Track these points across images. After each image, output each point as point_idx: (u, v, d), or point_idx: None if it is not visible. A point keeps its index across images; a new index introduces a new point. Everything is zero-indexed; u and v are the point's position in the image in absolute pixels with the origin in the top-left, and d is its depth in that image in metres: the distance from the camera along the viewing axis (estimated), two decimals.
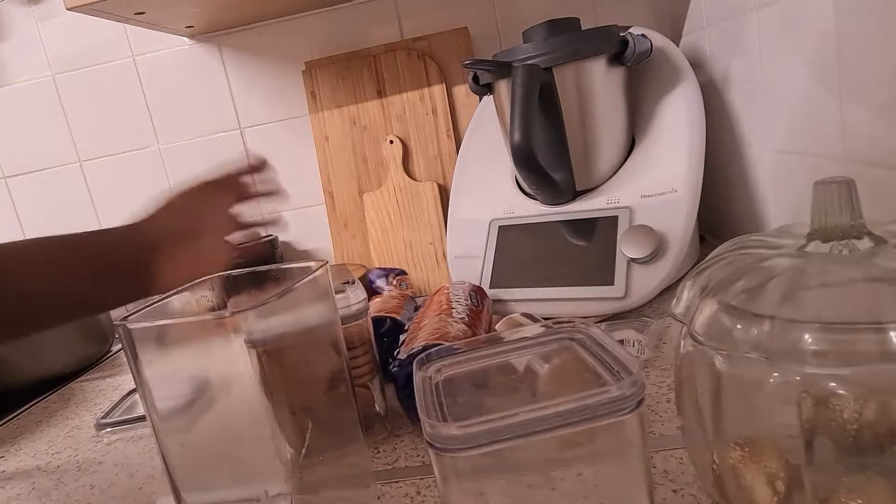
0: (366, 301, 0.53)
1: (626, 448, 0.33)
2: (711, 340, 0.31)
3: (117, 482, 0.55)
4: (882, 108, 0.46)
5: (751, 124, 0.72)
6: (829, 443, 0.29)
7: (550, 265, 0.71)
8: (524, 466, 0.33)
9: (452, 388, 0.37)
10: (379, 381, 0.52)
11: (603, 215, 0.71)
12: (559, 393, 0.31)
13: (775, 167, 0.67)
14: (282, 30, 1.02)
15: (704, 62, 0.81)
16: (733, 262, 0.34)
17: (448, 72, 0.96)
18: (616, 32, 0.72)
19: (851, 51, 0.48)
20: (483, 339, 0.42)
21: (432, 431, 0.31)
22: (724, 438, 0.32)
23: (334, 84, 0.99)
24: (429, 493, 0.43)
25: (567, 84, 0.71)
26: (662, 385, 0.51)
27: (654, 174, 0.71)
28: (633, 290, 0.66)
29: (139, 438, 0.63)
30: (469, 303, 0.58)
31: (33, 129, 1.08)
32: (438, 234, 0.92)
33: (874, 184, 0.46)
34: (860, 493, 0.27)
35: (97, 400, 0.77)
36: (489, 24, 0.99)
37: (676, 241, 0.67)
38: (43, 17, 1.05)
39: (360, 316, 0.52)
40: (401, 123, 0.97)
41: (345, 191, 0.99)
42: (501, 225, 0.76)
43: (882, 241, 0.31)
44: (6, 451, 0.66)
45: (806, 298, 0.29)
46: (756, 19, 0.64)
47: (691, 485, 0.38)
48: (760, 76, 0.66)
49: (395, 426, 0.54)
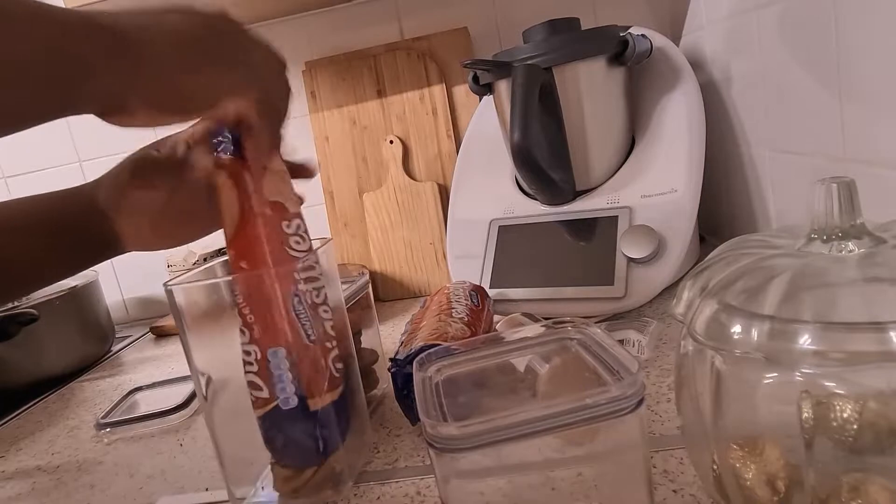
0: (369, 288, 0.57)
1: (626, 448, 0.33)
2: (711, 340, 0.31)
3: (117, 482, 0.55)
4: (882, 108, 0.46)
5: (751, 124, 0.72)
6: (829, 443, 0.29)
7: (550, 265, 0.71)
8: (524, 466, 0.33)
9: (452, 388, 0.37)
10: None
11: (603, 215, 0.71)
12: (559, 393, 0.31)
13: (775, 167, 0.67)
14: (282, 30, 1.02)
15: (704, 62, 0.81)
16: (733, 262, 0.34)
17: (448, 72, 0.96)
18: (616, 32, 0.72)
19: (851, 51, 0.48)
20: (483, 339, 0.42)
21: (432, 431, 0.31)
22: (724, 438, 0.32)
23: (334, 84, 0.99)
24: (429, 493, 0.43)
25: (567, 84, 0.71)
26: (662, 385, 0.51)
27: (654, 174, 0.71)
28: (633, 290, 0.66)
29: (139, 438, 0.63)
30: (469, 302, 0.58)
31: (33, 129, 1.08)
32: (438, 234, 0.92)
33: (874, 184, 0.46)
34: (860, 493, 0.27)
35: (97, 400, 0.77)
36: (489, 24, 0.99)
37: (676, 241, 0.67)
38: None
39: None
40: (401, 123, 0.97)
41: (345, 191, 0.99)
42: (501, 225, 0.76)
43: (882, 241, 0.31)
44: (6, 451, 0.66)
45: (806, 298, 0.29)
46: (756, 19, 0.64)
47: (691, 485, 0.38)
48: (760, 76, 0.66)
49: (395, 426, 0.54)
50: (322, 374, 0.43)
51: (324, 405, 0.43)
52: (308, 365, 0.42)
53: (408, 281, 0.94)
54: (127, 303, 1.17)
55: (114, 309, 1.09)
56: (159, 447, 0.60)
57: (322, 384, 0.42)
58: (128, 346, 1.01)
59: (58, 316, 0.88)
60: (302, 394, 0.42)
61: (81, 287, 0.93)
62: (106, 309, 1.00)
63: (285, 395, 0.42)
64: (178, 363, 0.86)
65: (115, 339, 1.03)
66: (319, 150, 1.00)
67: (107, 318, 1.00)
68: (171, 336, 1.01)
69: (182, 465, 0.56)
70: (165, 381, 0.76)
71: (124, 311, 1.17)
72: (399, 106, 0.97)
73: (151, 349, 0.97)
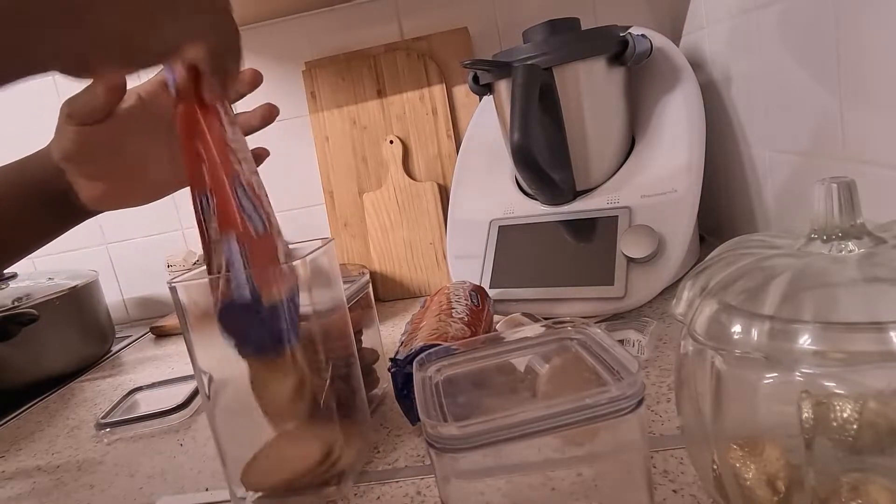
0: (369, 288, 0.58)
1: (626, 448, 0.33)
2: (711, 340, 0.31)
3: (117, 482, 0.55)
4: (882, 108, 0.46)
5: (751, 124, 0.72)
6: (829, 443, 0.29)
7: (550, 265, 0.71)
8: (524, 466, 0.33)
9: (452, 388, 0.37)
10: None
11: (603, 215, 0.71)
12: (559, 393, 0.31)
13: (775, 167, 0.67)
14: (282, 30, 1.02)
15: (704, 62, 0.81)
16: (733, 262, 0.34)
17: (448, 72, 0.96)
18: (616, 32, 0.72)
19: (851, 51, 0.48)
20: (483, 339, 0.42)
21: (432, 431, 0.31)
22: (724, 438, 0.32)
23: (334, 84, 0.99)
24: (429, 493, 0.43)
25: (567, 84, 0.71)
26: (662, 385, 0.51)
27: (654, 174, 0.71)
28: (633, 290, 0.66)
29: (139, 438, 0.63)
30: (469, 302, 0.58)
31: (33, 130, 1.08)
32: (438, 234, 0.92)
33: (874, 184, 0.46)
34: (860, 493, 0.27)
35: (97, 400, 0.77)
36: (489, 24, 0.99)
37: (676, 241, 0.67)
38: None
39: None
40: (401, 123, 0.97)
41: (345, 191, 0.99)
42: (501, 225, 0.76)
43: (882, 241, 0.31)
44: (6, 451, 0.66)
45: (806, 298, 0.29)
46: (756, 19, 0.64)
47: (691, 485, 0.38)
48: (760, 76, 0.66)
49: (395, 426, 0.54)
50: (273, 268, 0.43)
51: (276, 300, 0.43)
52: (260, 259, 0.42)
53: (408, 281, 0.94)
54: (127, 303, 1.17)
55: (114, 309, 1.09)
56: (159, 447, 0.60)
57: (274, 279, 0.43)
58: (128, 346, 1.01)
59: (58, 316, 0.88)
60: (255, 288, 0.42)
61: (81, 287, 0.93)
62: (106, 309, 1.00)
63: (240, 289, 0.42)
64: (178, 363, 0.86)
65: (115, 339, 1.03)
66: (319, 150, 1.00)
67: (107, 318, 1.00)
68: (171, 336, 1.01)
69: (182, 465, 0.56)
70: (165, 381, 0.76)
71: (124, 311, 1.17)
72: (399, 106, 0.97)
73: (151, 349, 0.97)
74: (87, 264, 1.09)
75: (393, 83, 0.97)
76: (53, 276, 0.96)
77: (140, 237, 1.13)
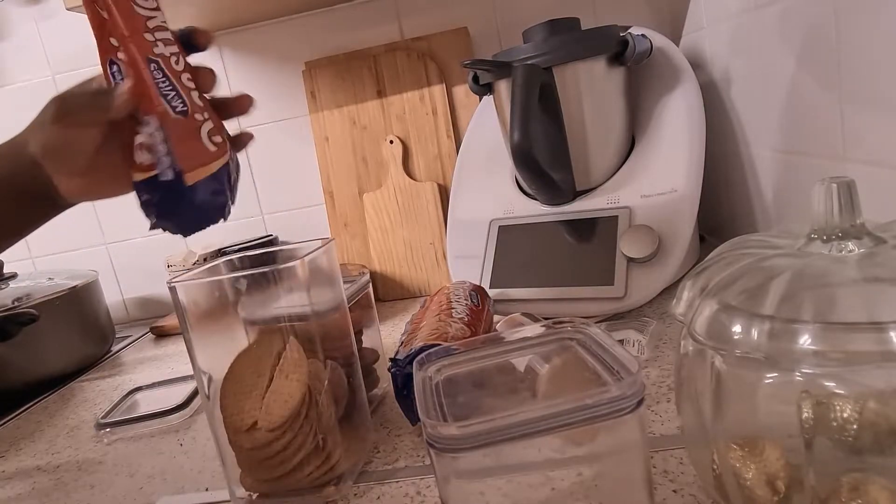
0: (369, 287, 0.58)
1: (626, 448, 0.33)
2: (711, 340, 0.31)
3: (117, 482, 0.55)
4: (882, 107, 0.46)
5: (751, 124, 0.72)
6: (829, 443, 0.29)
7: (550, 265, 0.71)
8: (524, 466, 0.33)
9: (452, 388, 0.37)
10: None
11: (603, 215, 0.71)
12: (559, 393, 0.31)
13: (775, 167, 0.67)
14: (282, 30, 1.02)
15: (704, 62, 0.81)
16: (733, 262, 0.34)
17: (448, 72, 0.96)
18: (616, 32, 0.72)
19: (851, 51, 0.48)
20: (483, 339, 0.42)
21: (432, 431, 0.31)
22: (724, 438, 0.32)
23: (334, 84, 0.99)
24: (429, 493, 0.43)
25: (567, 84, 0.71)
26: (662, 385, 0.51)
27: (654, 174, 0.71)
28: (633, 290, 0.66)
29: (139, 438, 0.63)
30: (469, 302, 0.58)
31: None
32: (438, 234, 0.92)
33: (874, 184, 0.46)
34: (860, 493, 0.27)
35: (97, 400, 0.77)
36: (489, 24, 0.99)
37: (676, 241, 0.67)
38: (43, 17, 1.05)
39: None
40: (401, 123, 0.97)
41: (345, 191, 0.99)
42: (501, 225, 0.76)
43: (882, 241, 0.31)
44: (6, 451, 0.66)
45: (806, 298, 0.29)
46: (756, 19, 0.64)
47: (691, 485, 0.38)
48: (760, 76, 0.66)
49: (395, 426, 0.54)
50: (196, 147, 0.42)
51: (198, 179, 0.42)
52: (179, 137, 0.41)
53: (408, 281, 0.94)
54: (127, 303, 1.17)
55: (114, 309, 1.09)
56: (159, 447, 0.60)
57: (197, 158, 0.42)
58: (128, 346, 1.01)
59: (58, 316, 0.88)
60: (177, 167, 0.41)
61: (81, 287, 0.93)
62: (106, 309, 1.00)
63: (163, 167, 0.41)
64: (178, 363, 0.86)
65: (115, 339, 1.03)
66: (319, 150, 1.00)
67: (107, 318, 1.00)
68: (171, 336, 1.01)
69: (182, 465, 0.56)
70: (165, 381, 0.76)
71: (124, 311, 1.17)
72: (399, 106, 0.97)
73: (151, 349, 0.97)
74: (87, 264, 1.09)
75: (393, 83, 0.97)
76: (53, 277, 0.96)
77: (140, 237, 1.13)
